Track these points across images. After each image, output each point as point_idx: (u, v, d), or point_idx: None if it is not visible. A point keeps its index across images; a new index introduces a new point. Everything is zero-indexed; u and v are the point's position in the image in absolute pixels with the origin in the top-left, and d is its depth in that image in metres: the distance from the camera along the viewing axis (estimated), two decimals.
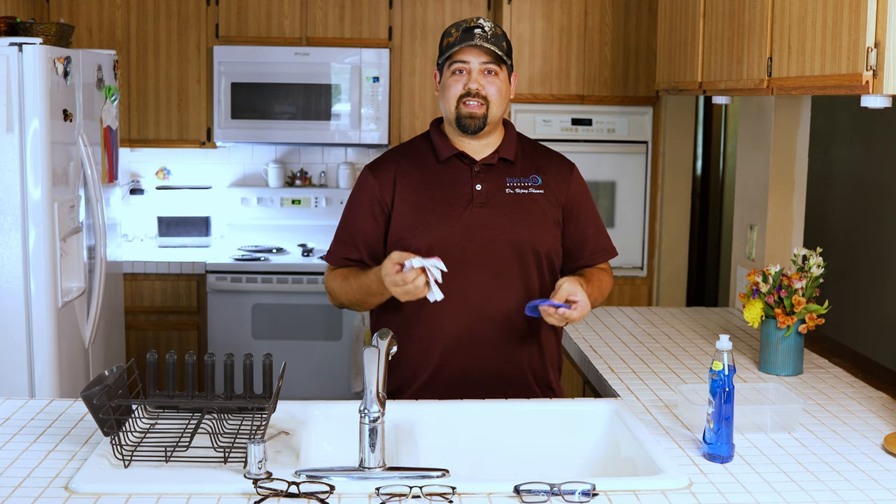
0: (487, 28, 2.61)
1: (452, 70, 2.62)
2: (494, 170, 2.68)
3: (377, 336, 2.07)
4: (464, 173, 2.67)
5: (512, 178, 2.68)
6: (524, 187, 2.68)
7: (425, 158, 2.71)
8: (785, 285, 2.91)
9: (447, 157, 2.68)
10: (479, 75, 2.60)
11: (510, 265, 2.64)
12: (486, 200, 2.65)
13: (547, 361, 2.74)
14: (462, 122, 2.62)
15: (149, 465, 2.05)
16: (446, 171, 2.68)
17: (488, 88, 2.60)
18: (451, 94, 2.62)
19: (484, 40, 2.58)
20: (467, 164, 2.68)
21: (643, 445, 2.24)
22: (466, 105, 2.60)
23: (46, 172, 3.61)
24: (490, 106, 2.61)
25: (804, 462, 2.19)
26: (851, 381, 2.89)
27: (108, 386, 2.10)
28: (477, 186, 2.66)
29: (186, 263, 5.07)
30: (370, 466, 2.01)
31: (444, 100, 2.66)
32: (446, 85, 2.64)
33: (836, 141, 5.24)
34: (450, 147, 2.69)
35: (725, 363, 2.14)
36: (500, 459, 2.41)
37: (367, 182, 2.71)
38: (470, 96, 2.60)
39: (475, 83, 2.59)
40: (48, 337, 3.66)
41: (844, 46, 2.44)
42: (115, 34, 5.22)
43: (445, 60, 2.63)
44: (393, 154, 2.76)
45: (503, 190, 2.67)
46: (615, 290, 5.14)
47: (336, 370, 5.11)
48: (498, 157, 2.69)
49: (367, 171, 2.73)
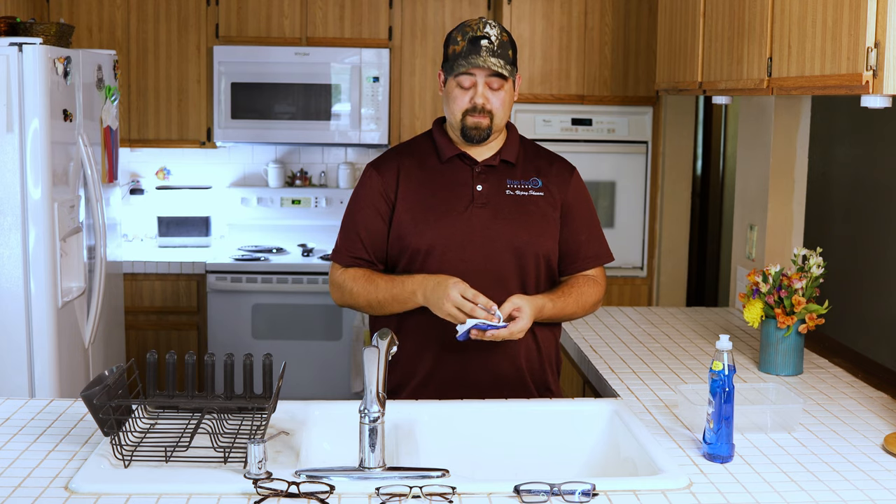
0: (494, 38, 2.59)
1: (458, 82, 2.61)
2: (496, 171, 2.69)
3: (377, 336, 2.08)
4: (465, 174, 2.68)
5: (513, 180, 2.69)
6: (524, 189, 2.68)
7: (427, 157, 2.72)
8: (785, 285, 2.91)
9: (449, 157, 2.69)
10: (484, 89, 2.59)
11: (509, 266, 2.64)
12: (487, 201, 2.65)
13: (545, 362, 2.74)
14: (467, 134, 2.63)
15: (149, 465, 2.05)
16: (448, 171, 2.69)
17: (493, 102, 2.60)
18: (457, 106, 2.62)
19: (491, 53, 2.57)
20: (469, 164, 2.68)
21: (643, 445, 2.24)
22: (472, 117, 2.60)
23: (46, 172, 3.61)
24: (495, 118, 2.62)
25: (804, 462, 2.19)
26: (851, 381, 2.89)
27: (108, 386, 2.10)
28: (478, 187, 2.66)
29: (186, 263, 5.07)
30: (370, 466, 2.01)
31: (448, 109, 2.66)
32: (452, 96, 2.63)
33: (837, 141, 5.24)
34: (452, 147, 2.69)
35: (725, 363, 2.14)
36: (500, 459, 2.41)
37: (371, 179, 2.71)
38: (475, 111, 2.60)
39: (481, 98, 2.59)
40: (48, 337, 3.66)
41: (844, 46, 2.44)
42: (115, 34, 5.22)
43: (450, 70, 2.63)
44: (396, 152, 2.76)
45: (504, 191, 2.67)
46: (615, 291, 5.14)
47: (336, 370, 5.11)
48: (499, 158, 2.69)
49: (371, 169, 2.73)
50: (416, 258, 2.64)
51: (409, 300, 2.59)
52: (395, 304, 2.62)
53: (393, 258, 2.69)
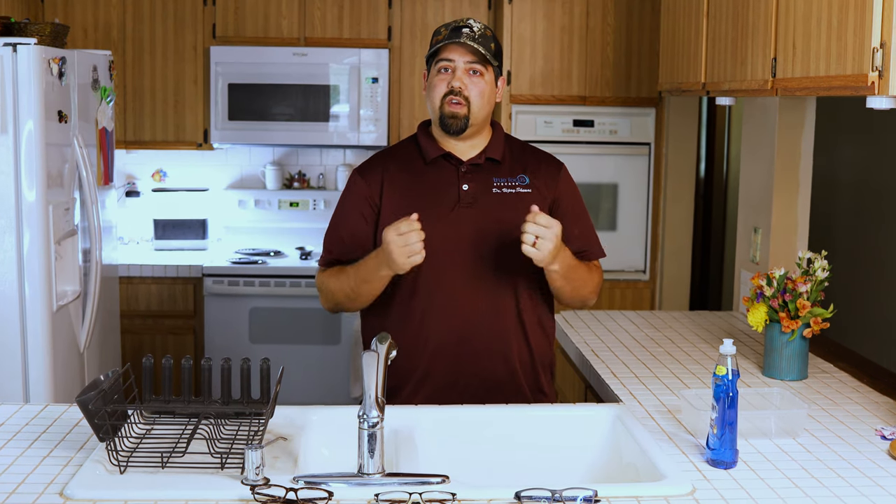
0: (476, 28, 2.64)
1: (438, 68, 2.65)
2: (481, 170, 2.70)
3: (376, 340, 2.08)
4: (450, 174, 2.69)
5: (499, 178, 2.70)
6: (511, 187, 2.69)
7: (412, 160, 2.73)
8: (789, 289, 2.91)
9: (434, 158, 2.70)
10: (463, 74, 2.62)
11: (498, 264, 2.65)
12: (474, 200, 2.66)
13: (537, 363, 2.74)
14: (445, 122, 2.64)
15: (145, 471, 2.05)
16: (433, 172, 2.70)
17: (471, 89, 2.62)
18: (436, 92, 2.64)
19: (470, 39, 2.60)
20: (454, 164, 2.70)
21: (646, 451, 2.24)
22: (449, 104, 2.62)
23: (41, 174, 3.61)
24: (472, 107, 2.63)
25: (809, 468, 2.19)
26: (857, 386, 2.89)
27: (103, 391, 2.10)
28: (464, 186, 2.67)
29: (183, 267, 5.07)
30: (369, 472, 2.01)
31: (429, 99, 2.68)
32: (431, 84, 2.67)
33: (842, 142, 5.24)
34: (436, 148, 2.71)
35: (729, 368, 2.14)
36: (500, 465, 2.41)
37: (355, 184, 2.74)
38: (453, 94, 2.61)
39: (458, 81, 2.61)
40: (43, 341, 3.66)
41: (850, 47, 2.44)
42: (111, 34, 5.22)
43: (432, 58, 2.66)
44: (380, 157, 2.79)
45: (490, 190, 2.68)
46: (617, 294, 5.14)
47: (334, 375, 5.11)
48: (485, 156, 2.70)
49: (356, 174, 2.76)
50: None
51: (374, 276, 2.58)
52: (366, 286, 2.63)
53: None
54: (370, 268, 2.59)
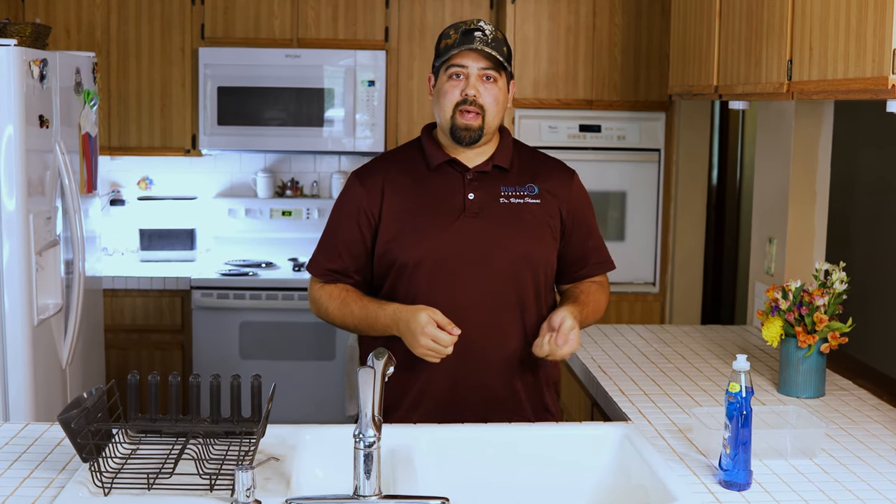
0: (488, 31, 2.63)
1: (449, 74, 2.63)
2: (488, 178, 2.69)
3: (373, 356, 2.08)
4: (456, 181, 2.68)
5: (507, 187, 2.69)
6: (519, 196, 2.69)
7: (416, 165, 2.72)
8: (806, 302, 2.91)
9: (438, 164, 2.69)
10: (477, 81, 2.61)
11: (504, 278, 2.64)
12: (480, 210, 2.65)
13: (542, 381, 2.75)
14: (457, 134, 2.63)
15: (130, 493, 2.05)
16: (437, 179, 2.69)
17: (485, 97, 2.61)
18: (448, 100, 2.63)
19: (484, 44, 2.59)
20: (459, 171, 2.69)
21: (655, 472, 2.24)
22: (463, 115, 2.61)
23: (21, 182, 3.61)
24: (486, 116, 2.62)
25: (826, 490, 2.19)
26: (877, 404, 2.89)
27: (86, 409, 2.10)
28: (470, 195, 2.66)
29: (170, 279, 5.07)
30: (365, 494, 2.01)
31: (438, 106, 2.67)
32: (442, 90, 2.64)
33: (860, 149, 5.25)
34: (441, 154, 2.70)
35: (743, 385, 2.14)
36: (503, 486, 2.41)
37: (353, 190, 2.73)
38: (467, 104, 2.60)
39: (473, 89, 2.60)
40: (23, 357, 3.66)
41: (869, 48, 2.45)
42: (95, 35, 5.23)
43: (442, 64, 2.64)
44: (382, 160, 2.78)
45: (497, 199, 2.68)
46: (625, 307, 5.15)
47: (329, 392, 5.11)
48: (492, 164, 2.70)
49: (355, 178, 2.75)
50: (403, 273, 2.64)
51: (382, 330, 2.63)
52: (370, 331, 2.68)
53: (379, 275, 2.71)
54: (381, 323, 2.61)
